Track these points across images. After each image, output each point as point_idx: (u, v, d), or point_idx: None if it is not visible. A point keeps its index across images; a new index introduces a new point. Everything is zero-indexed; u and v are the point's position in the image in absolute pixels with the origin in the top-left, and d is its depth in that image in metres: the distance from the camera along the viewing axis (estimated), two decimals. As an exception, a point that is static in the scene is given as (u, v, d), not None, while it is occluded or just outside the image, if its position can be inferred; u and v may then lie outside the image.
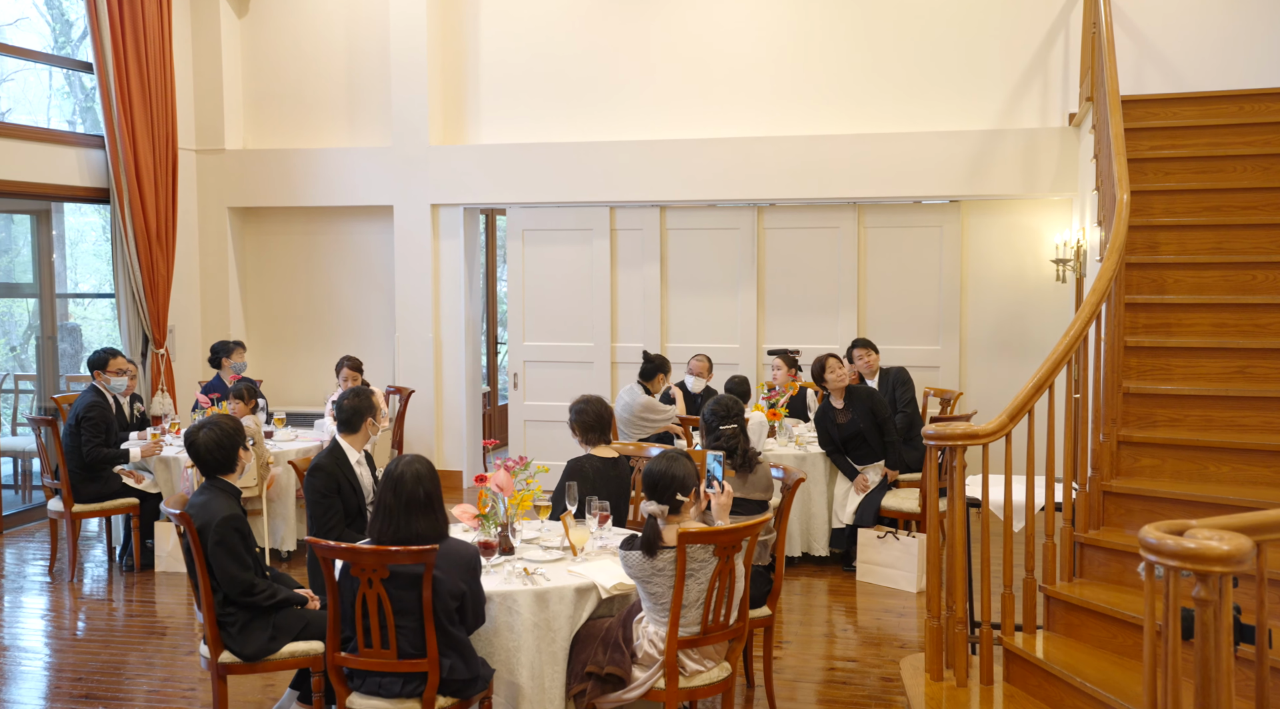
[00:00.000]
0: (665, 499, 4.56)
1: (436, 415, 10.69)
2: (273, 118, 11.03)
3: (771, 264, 10.31)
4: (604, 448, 5.85)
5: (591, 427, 5.83)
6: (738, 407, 5.62)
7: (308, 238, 11.20)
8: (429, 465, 4.38)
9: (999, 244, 9.84)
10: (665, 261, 10.53)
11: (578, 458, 5.79)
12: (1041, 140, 9.31)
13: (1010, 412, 5.10)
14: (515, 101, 10.52)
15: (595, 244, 10.60)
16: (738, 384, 8.23)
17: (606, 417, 5.87)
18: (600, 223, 10.57)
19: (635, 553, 4.41)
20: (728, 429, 5.50)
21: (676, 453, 4.68)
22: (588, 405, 5.86)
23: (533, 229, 10.75)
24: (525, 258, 10.79)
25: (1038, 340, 9.73)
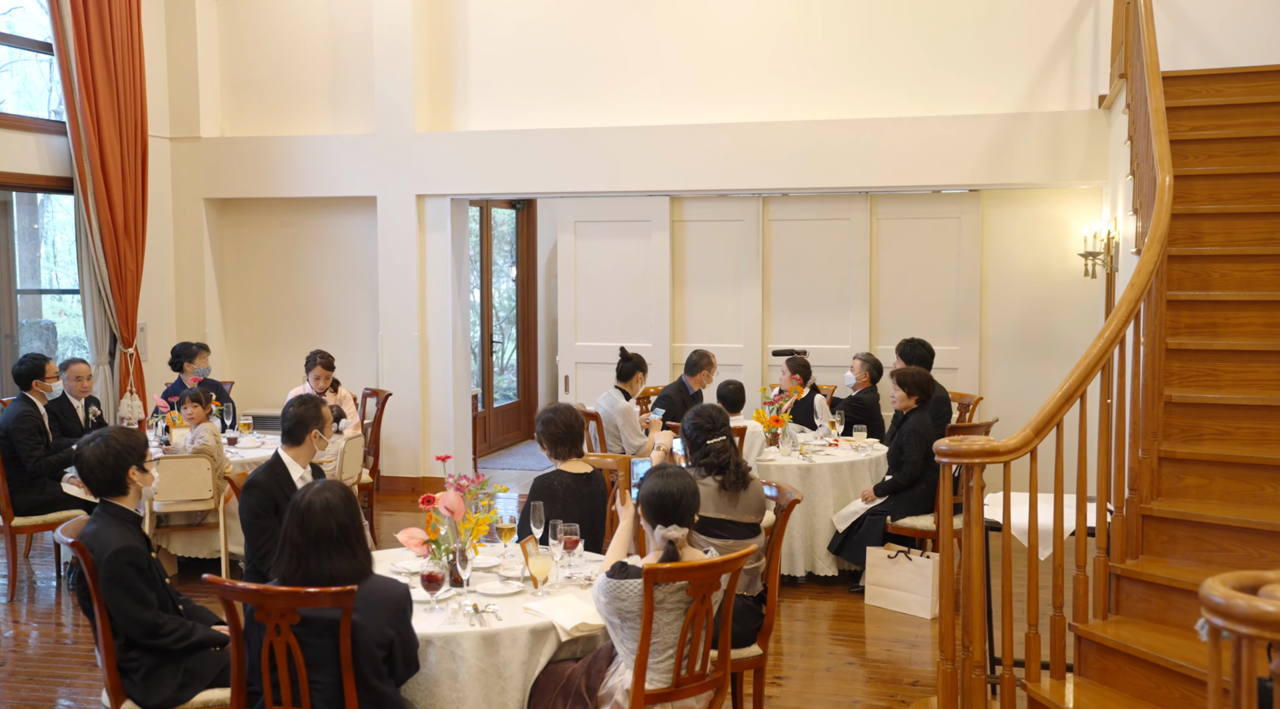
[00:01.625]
0: (687, 520, 3.94)
1: (422, 419, 10.07)
2: (251, 104, 10.43)
3: (777, 258, 9.66)
4: (575, 462, 5.21)
5: (560, 438, 5.20)
6: (723, 416, 4.96)
7: (288, 231, 10.60)
8: (344, 493, 3.73)
9: (1022, 236, 9.15)
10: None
11: (545, 474, 5.16)
12: (1068, 124, 8.62)
13: (1036, 425, 4.44)
14: (506, 86, 9.89)
15: (654, 237, 9.90)
16: (731, 393, 7.54)
17: (577, 427, 5.23)
18: (660, 214, 9.88)
19: (636, 584, 3.76)
20: (715, 443, 4.84)
21: (669, 467, 4.05)
22: (555, 414, 5.23)
23: (586, 221, 10.15)
24: (578, 252, 10.20)
25: (1064, 340, 9.05)
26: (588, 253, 10.25)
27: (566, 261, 10.25)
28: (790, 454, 7.53)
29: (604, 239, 10.22)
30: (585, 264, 10.27)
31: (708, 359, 8.40)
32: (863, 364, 8.72)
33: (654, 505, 3.92)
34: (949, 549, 4.57)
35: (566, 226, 10.22)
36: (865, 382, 8.72)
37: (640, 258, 10.11)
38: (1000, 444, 4.39)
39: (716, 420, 4.90)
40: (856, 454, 7.57)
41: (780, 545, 4.87)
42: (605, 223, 10.13)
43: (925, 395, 7.04)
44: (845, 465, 7.40)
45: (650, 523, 3.95)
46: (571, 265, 10.28)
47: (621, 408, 7.66)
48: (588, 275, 10.30)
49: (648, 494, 3.95)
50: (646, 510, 3.96)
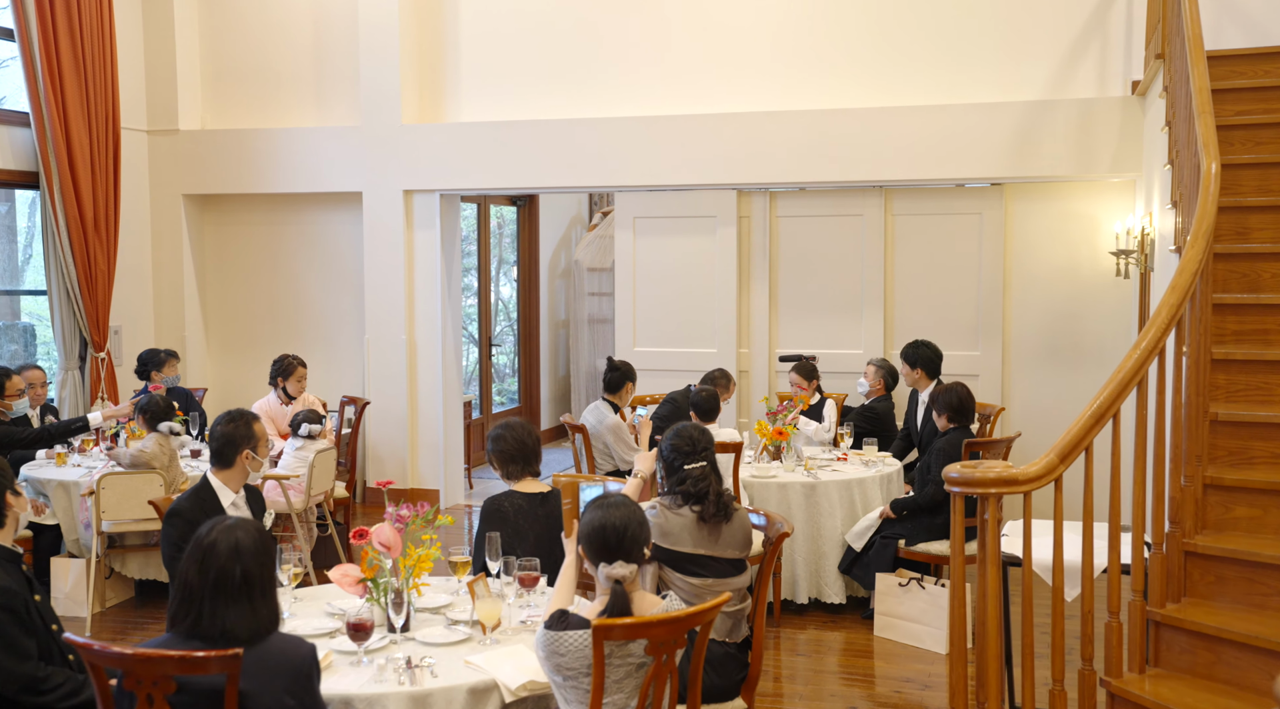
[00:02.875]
0: (635, 554, 3.38)
1: (410, 428, 9.52)
2: (233, 95, 9.90)
3: (785, 257, 9.05)
4: (530, 482, 4.65)
5: (512, 456, 4.64)
6: (706, 438, 4.35)
7: (272, 229, 10.06)
8: (257, 536, 3.14)
9: (1049, 233, 8.51)
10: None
11: (495, 496, 4.60)
12: (1099, 112, 7.97)
13: (1062, 449, 3.84)
14: (499, 75, 9.33)
15: (720, 233, 9.20)
16: (704, 399, 6.90)
17: (531, 444, 4.67)
18: (727, 210, 9.17)
19: (581, 635, 3.19)
20: (694, 469, 4.24)
21: (612, 496, 3.48)
22: (506, 431, 4.67)
23: (646, 216, 9.47)
24: (636, 250, 9.53)
25: (1094, 346, 8.40)
26: (648, 251, 9.52)
27: (624, 261, 9.59)
28: (794, 470, 6.93)
29: (665, 236, 9.48)
30: (645, 263, 9.53)
31: (727, 378, 7.78)
32: (877, 370, 8.12)
33: (595, 541, 3.37)
34: (960, 587, 3.96)
35: (625, 223, 9.53)
36: (879, 389, 8.12)
37: (704, 256, 9.36)
38: (1019, 472, 3.78)
39: (697, 443, 4.30)
40: (866, 470, 6.96)
41: (767, 584, 4.27)
42: (667, 219, 9.41)
43: (964, 418, 6.41)
44: (855, 482, 6.79)
45: (592, 561, 3.39)
46: (630, 264, 9.58)
47: (610, 423, 7.07)
48: (647, 275, 9.54)
49: (586, 529, 3.40)
50: (587, 547, 3.40)
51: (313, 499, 7.12)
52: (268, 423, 7.70)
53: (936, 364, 7.57)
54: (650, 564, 4.15)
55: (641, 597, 3.38)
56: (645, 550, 3.40)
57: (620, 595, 3.29)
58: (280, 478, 6.96)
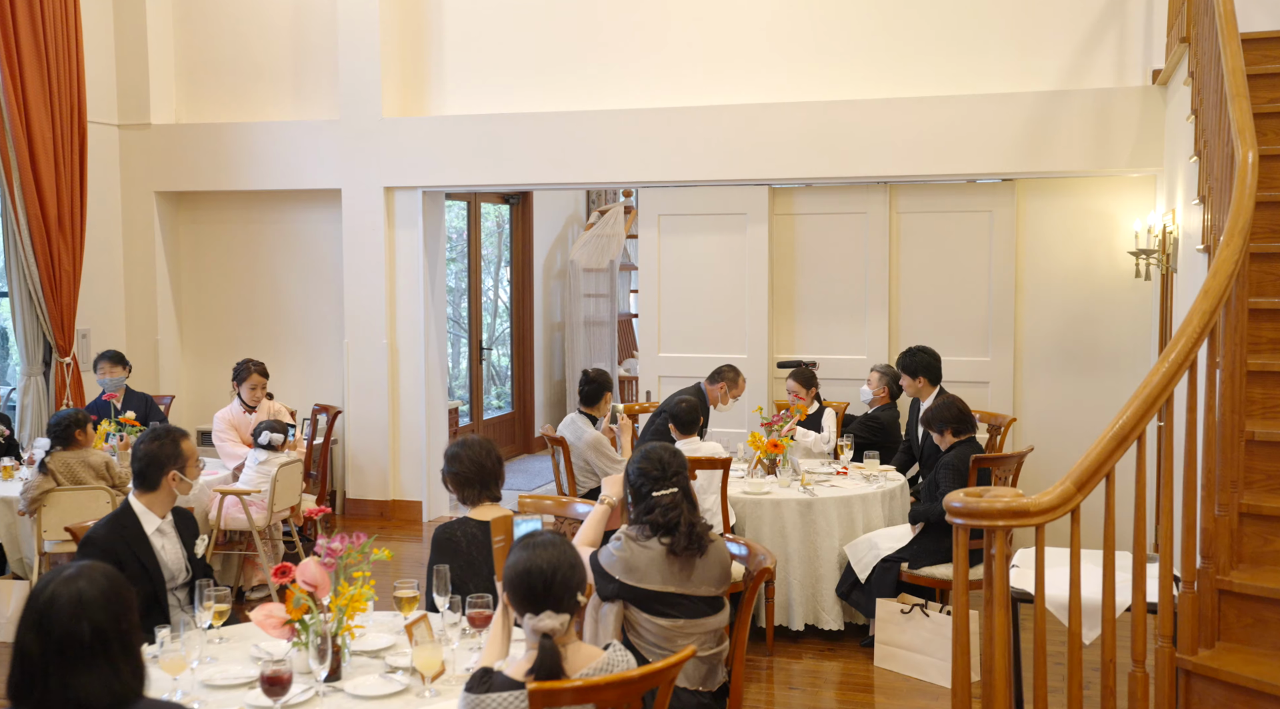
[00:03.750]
0: (566, 603, 2.92)
1: (391, 436, 9.07)
2: (208, 87, 9.47)
3: (783, 256, 8.57)
4: (488, 507, 4.19)
5: (468, 479, 4.19)
6: (678, 461, 3.88)
7: (249, 227, 9.62)
8: (106, 583, 2.63)
9: (1063, 232, 8.02)
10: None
11: (448, 524, 4.15)
12: (1118, 103, 7.49)
13: (1079, 477, 3.38)
14: (485, 66, 8.87)
15: (751, 232, 8.56)
16: (684, 411, 6.41)
17: (490, 465, 4.21)
18: (757, 206, 8.50)
19: (506, 699, 2.74)
20: (664, 497, 3.77)
21: (540, 534, 3.03)
22: (462, 450, 4.21)
23: (672, 214, 8.83)
24: (661, 250, 8.88)
25: (1111, 351, 7.91)
26: (673, 250, 8.86)
27: (649, 261, 8.94)
28: (790, 485, 6.46)
29: (692, 235, 8.82)
30: (670, 263, 8.88)
31: (736, 373, 7.30)
32: (880, 377, 7.65)
33: (519, 587, 2.91)
34: (963, 620, 3.47)
35: (649, 221, 8.93)
36: (884, 397, 7.65)
37: (733, 256, 8.69)
38: (1031, 502, 3.32)
39: (668, 467, 3.82)
40: (868, 486, 6.49)
41: (746, 624, 3.80)
42: (693, 216, 8.76)
43: (968, 427, 5.94)
44: (855, 499, 6.32)
45: (518, 610, 2.93)
46: (654, 265, 8.92)
47: (589, 439, 6.60)
48: (672, 276, 8.89)
49: (510, 573, 2.94)
50: (511, 594, 2.95)
51: (277, 515, 6.68)
52: (230, 431, 7.27)
53: (937, 369, 7.10)
54: (614, 603, 3.69)
55: (576, 650, 2.92)
56: (579, 597, 2.94)
57: (549, 651, 2.82)
58: (240, 493, 6.52)
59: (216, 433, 7.25)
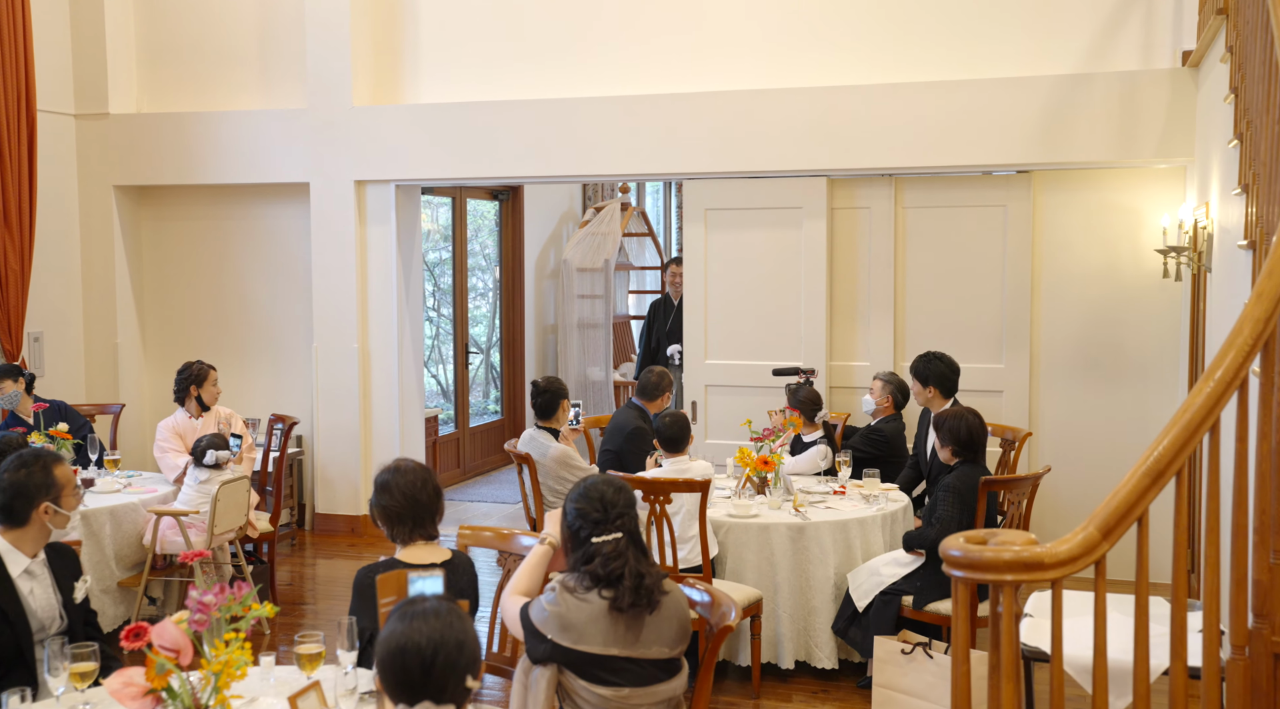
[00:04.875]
0: (452, 691, 2.33)
1: (363, 447, 8.49)
2: (170, 75, 8.90)
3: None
4: (421, 547, 3.61)
5: (399, 514, 3.61)
6: (623, 498, 3.25)
7: (215, 223, 9.05)
8: None
9: (1084, 228, 7.38)
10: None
11: (372, 567, 3.55)
12: (1144, 87, 6.86)
13: (1106, 520, 2.77)
14: (466, 50, 8.29)
15: (807, 227, 7.75)
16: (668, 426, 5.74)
17: (425, 498, 3.63)
18: (815, 199, 7.70)
19: None
20: (605, 544, 3.15)
21: (422, 602, 2.43)
22: (394, 478, 3.63)
23: (720, 208, 7.98)
24: (708, 248, 8.03)
25: (1136, 359, 7.27)
26: (721, 248, 8.01)
27: (694, 259, 8.11)
28: (781, 507, 5.84)
29: (742, 230, 7.96)
30: (718, 262, 8.03)
31: (669, 381, 6.73)
32: (884, 385, 7.03)
33: (391, 669, 2.32)
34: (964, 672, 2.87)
35: (695, 216, 8.09)
36: (888, 407, 7.02)
37: (788, 254, 7.84)
38: (1046, 552, 2.71)
39: (610, 507, 3.19)
40: (867, 508, 5.87)
41: (708, 693, 3.19)
42: (745, 211, 7.92)
43: (971, 454, 5.32)
44: (852, 523, 5.70)
45: (391, 699, 2.33)
46: (701, 264, 8.07)
47: (555, 454, 5.99)
48: (720, 276, 8.04)
49: (382, 651, 2.35)
50: (383, 678, 2.35)
51: (219, 538, 6.09)
52: (175, 440, 6.69)
53: (953, 380, 6.49)
54: (548, 666, 3.09)
55: None
56: (469, 682, 2.33)
57: None
58: (177, 514, 5.94)
59: (159, 444, 6.67)
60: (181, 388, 6.74)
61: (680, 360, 9.76)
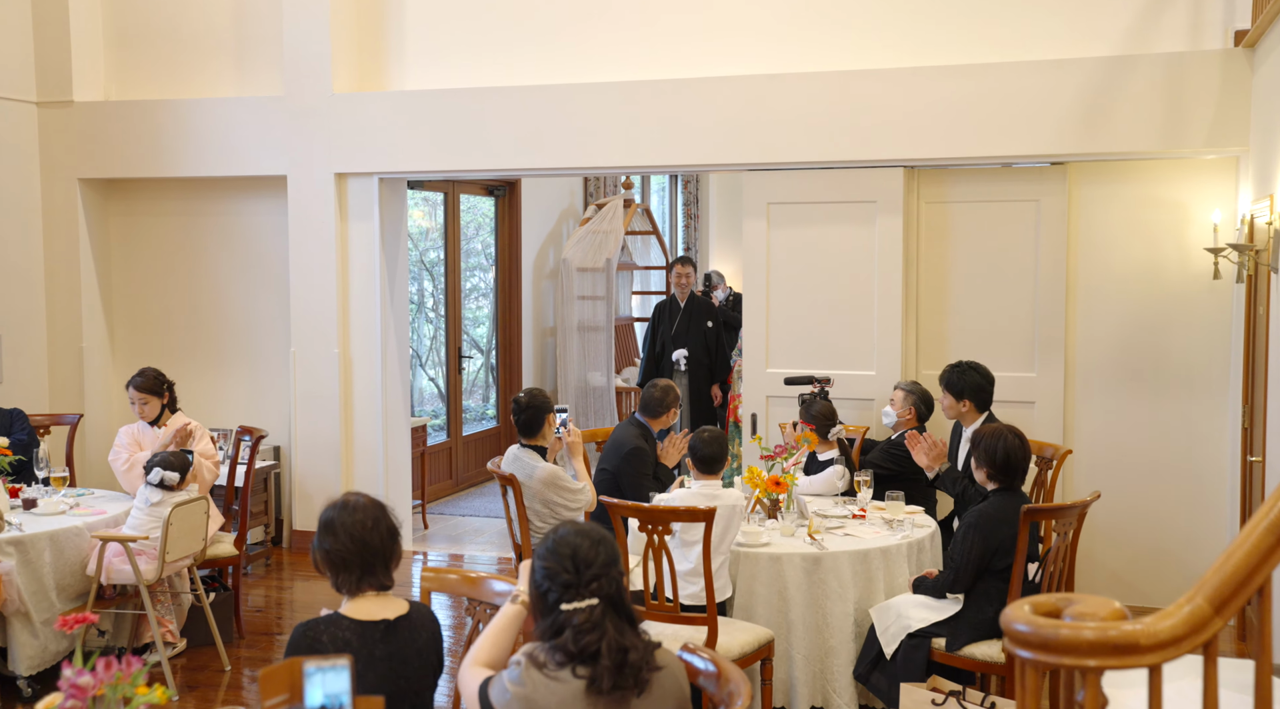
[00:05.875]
0: None
1: (344, 459, 7.91)
2: (140, 60, 8.33)
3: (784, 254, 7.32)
4: (370, 599, 3.04)
5: (346, 560, 3.05)
6: (603, 555, 2.62)
7: (188, 219, 8.48)
8: None
9: (1124, 225, 6.77)
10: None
11: (312, 624, 2.99)
12: (1193, 70, 6.26)
13: (1216, 591, 2.20)
14: (456, 33, 7.73)
15: (881, 223, 7.00)
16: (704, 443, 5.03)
17: (376, 541, 3.06)
18: (891, 193, 6.94)
19: None
20: (578, 612, 2.54)
21: None
22: (340, 517, 3.08)
23: (784, 202, 7.20)
24: (771, 246, 7.26)
25: (1181, 367, 6.66)
26: (786, 247, 7.22)
27: (755, 258, 7.33)
28: (795, 533, 5.25)
29: (810, 227, 7.17)
30: (781, 262, 7.23)
31: (675, 396, 6.14)
32: (906, 396, 6.44)
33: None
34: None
35: (756, 211, 7.29)
36: (910, 420, 6.43)
37: (861, 252, 7.07)
38: (1141, 631, 2.15)
39: (584, 565, 2.56)
40: (890, 535, 5.27)
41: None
42: (813, 205, 7.14)
43: (1009, 480, 4.72)
44: (874, 553, 5.10)
45: None
46: (763, 263, 7.29)
47: (542, 476, 5.38)
48: (784, 277, 7.24)
49: None
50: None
51: (172, 566, 5.51)
52: (133, 447, 6.10)
53: (988, 392, 5.90)
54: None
55: None
56: None
57: None
58: (124, 540, 5.35)
59: (117, 454, 6.08)
60: (152, 394, 6.17)
61: (686, 366, 9.17)
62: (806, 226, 7.17)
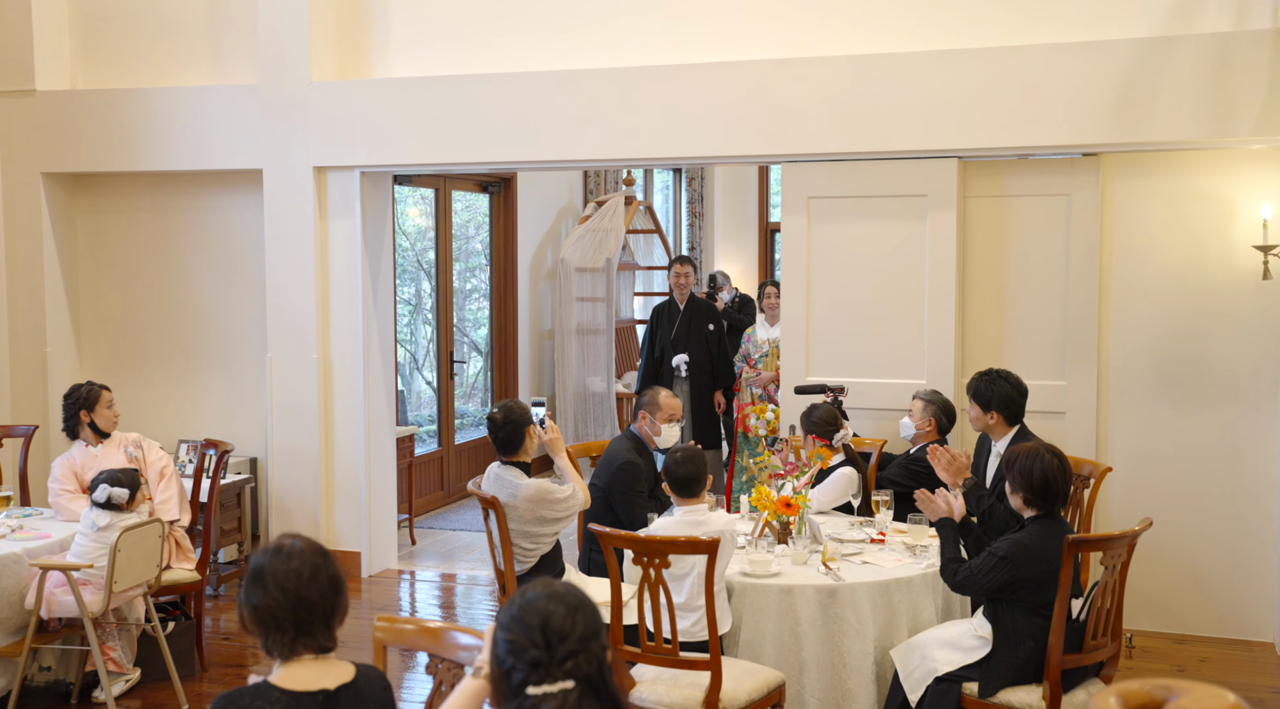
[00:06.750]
0: None
1: (324, 472, 7.41)
2: (108, 47, 7.83)
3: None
4: (310, 664, 2.54)
5: (278, 618, 2.56)
6: (581, 625, 2.07)
7: (160, 216, 7.98)
8: None
9: (1163, 220, 6.26)
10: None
11: (234, 695, 2.49)
12: (1238, 52, 5.74)
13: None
14: (445, 16, 7.23)
15: (933, 220, 6.41)
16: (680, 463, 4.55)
17: (315, 597, 2.55)
18: (944, 186, 6.38)
19: None
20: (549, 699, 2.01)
21: None
22: (272, 563, 2.58)
23: (826, 196, 6.61)
24: (811, 243, 6.66)
25: (1225, 375, 6.14)
26: (828, 244, 6.62)
27: (794, 256, 6.70)
28: (807, 561, 4.74)
29: (853, 223, 6.58)
30: (823, 260, 6.63)
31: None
32: (925, 406, 5.96)
33: None
34: None
35: (795, 205, 6.69)
36: (930, 432, 5.94)
37: (910, 251, 6.49)
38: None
39: (557, 638, 2.03)
40: (914, 563, 4.77)
41: None
42: (857, 199, 6.55)
43: (1047, 504, 4.20)
44: (896, 584, 4.59)
45: None
46: (801, 261, 6.67)
47: (528, 493, 4.84)
48: (825, 277, 6.64)
49: None
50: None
51: (121, 597, 5.01)
52: (71, 480, 5.61)
53: (1019, 405, 5.40)
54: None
55: None
56: None
57: None
58: (66, 568, 4.85)
59: (53, 491, 5.59)
60: (70, 415, 5.65)
61: (686, 372, 8.66)
62: (851, 223, 6.60)
